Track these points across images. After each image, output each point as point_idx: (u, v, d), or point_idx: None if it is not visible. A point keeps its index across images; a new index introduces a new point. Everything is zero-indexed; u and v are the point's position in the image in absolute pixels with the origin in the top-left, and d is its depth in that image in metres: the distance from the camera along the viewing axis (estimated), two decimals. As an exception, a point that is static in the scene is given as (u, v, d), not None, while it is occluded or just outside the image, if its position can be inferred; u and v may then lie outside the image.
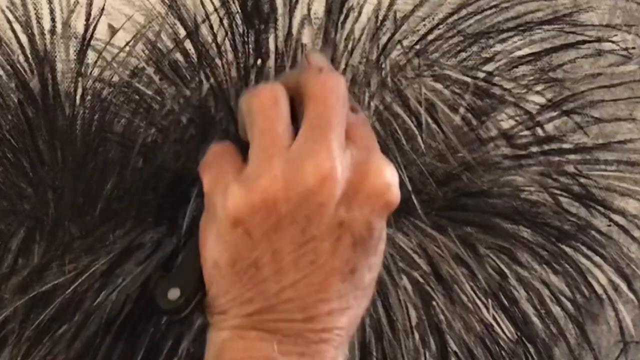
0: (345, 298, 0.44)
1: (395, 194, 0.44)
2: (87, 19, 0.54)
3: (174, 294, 0.45)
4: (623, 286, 0.59)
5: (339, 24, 0.54)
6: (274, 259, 0.43)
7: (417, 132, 0.54)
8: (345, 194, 0.43)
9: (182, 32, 0.54)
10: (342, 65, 0.55)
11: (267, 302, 0.44)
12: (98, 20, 0.54)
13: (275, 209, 0.43)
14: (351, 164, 0.43)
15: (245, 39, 0.53)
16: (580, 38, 0.58)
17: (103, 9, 0.54)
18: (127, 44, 0.54)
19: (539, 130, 0.58)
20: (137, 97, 0.54)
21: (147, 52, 0.54)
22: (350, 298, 0.44)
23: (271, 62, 0.53)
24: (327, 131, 0.43)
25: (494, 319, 0.56)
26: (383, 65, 0.55)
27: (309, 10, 0.54)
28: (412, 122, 0.54)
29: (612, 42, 0.59)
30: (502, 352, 0.57)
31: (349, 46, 0.55)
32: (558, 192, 0.58)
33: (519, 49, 0.58)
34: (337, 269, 0.43)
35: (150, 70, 0.54)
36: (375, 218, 0.44)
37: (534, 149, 0.58)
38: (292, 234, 0.43)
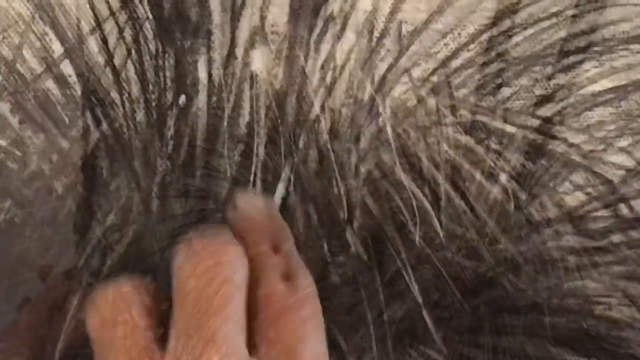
0: None
1: None
2: None
3: None
4: None
5: (312, 43, 0.45)
6: None
7: (432, 213, 0.46)
8: None
9: (59, 49, 0.44)
10: (317, 110, 0.45)
11: None
12: None
13: None
14: None
15: (160, 62, 0.43)
16: (690, 66, 0.49)
17: None
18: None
19: (624, 209, 0.48)
20: (-17, 149, 0.45)
21: (0, 77, 0.45)
22: None
23: (201, 99, 0.43)
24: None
25: None
26: (380, 109, 0.46)
27: (262, 19, 0.44)
28: (425, 196, 0.46)
29: None
30: None
31: (327, 78, 0.46)
32: (653, 304, 0.49)
33: (594, 81, 0.48)
34: None
35: (4, 108, 0.44)
36: None
37: (616, 237, 0.48)
38: None
